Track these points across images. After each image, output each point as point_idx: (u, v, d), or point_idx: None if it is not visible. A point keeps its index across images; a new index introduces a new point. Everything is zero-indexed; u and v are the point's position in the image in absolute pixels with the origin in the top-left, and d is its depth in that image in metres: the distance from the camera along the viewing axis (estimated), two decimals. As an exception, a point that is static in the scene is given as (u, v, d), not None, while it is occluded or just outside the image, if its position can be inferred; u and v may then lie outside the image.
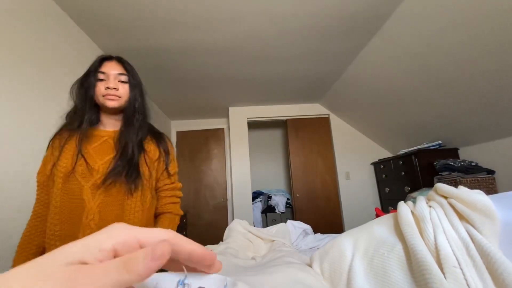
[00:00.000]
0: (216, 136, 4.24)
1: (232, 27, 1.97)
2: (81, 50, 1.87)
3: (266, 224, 3.85)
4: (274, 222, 3.80)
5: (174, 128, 4.23)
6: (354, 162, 3.70)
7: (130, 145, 0.86)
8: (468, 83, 1.92)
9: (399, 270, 0.44)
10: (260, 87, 3.16)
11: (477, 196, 0.45)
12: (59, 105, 1.65)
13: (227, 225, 1.54)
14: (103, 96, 0.85)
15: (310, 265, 0.63)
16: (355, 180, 3.65)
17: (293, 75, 2.88)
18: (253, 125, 4.31)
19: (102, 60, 0.89)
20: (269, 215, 3.91)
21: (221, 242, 1.37)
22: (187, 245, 0.21)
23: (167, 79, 2.80)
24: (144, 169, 0.88)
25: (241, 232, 1.39)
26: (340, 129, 3.84)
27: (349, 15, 1.89)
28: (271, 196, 4.03)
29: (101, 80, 0.86)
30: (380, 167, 3.42)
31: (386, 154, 3.64)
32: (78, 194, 0.79)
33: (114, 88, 0.86)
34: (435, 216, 0.47)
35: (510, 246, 0.38)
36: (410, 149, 2.85)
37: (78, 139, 0.83)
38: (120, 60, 0.92)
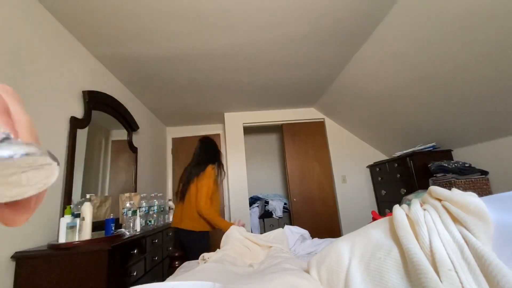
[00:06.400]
0: (212, 142, 4.22)
1: (226, 34, 1.99)
2: (75, 59, 1.86)
3: (263, 229, 3.83)
4: (272, 227, 3.78)
5: (169, 134, 4.20)
6: (350, 165, 3.72)
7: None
8: (460, 85, 1.95)
9: (395, 274, 0.45)
10: (255, 92, 3.18)
11: (470, 198, 0.45)
12: (56, 113, 1.65)
13: (224, 231, 1.53)
14: None
15: (307, 271, 0.63)
16: (352, 183, 3.66)
17: (287, 80, 2.90)
18: (249, 130, 4.31)
19: None
20: (266, 220, 3.89)
21: (218, 249, 1.36)
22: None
23: (162, 86, 2.80)
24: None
25: (239, 238, 1.38)
26: (335, 132, 3.86)
27: (341, 21, 1.92)
28: (268, 201, 4.01)
29: None
30: (376, 169, 3.44)
31: (382, 156, 3.66)
32: None
33: None
34: (430, 219, 0.47)
35: (504, 248, 0.38)
36: (405, 151, 2.87)
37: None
38: None
